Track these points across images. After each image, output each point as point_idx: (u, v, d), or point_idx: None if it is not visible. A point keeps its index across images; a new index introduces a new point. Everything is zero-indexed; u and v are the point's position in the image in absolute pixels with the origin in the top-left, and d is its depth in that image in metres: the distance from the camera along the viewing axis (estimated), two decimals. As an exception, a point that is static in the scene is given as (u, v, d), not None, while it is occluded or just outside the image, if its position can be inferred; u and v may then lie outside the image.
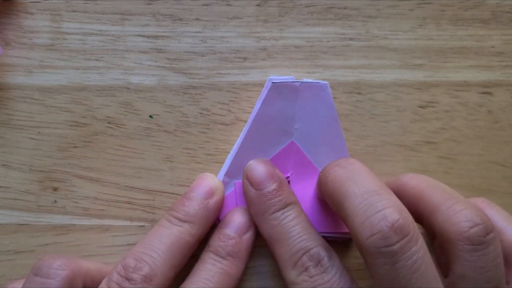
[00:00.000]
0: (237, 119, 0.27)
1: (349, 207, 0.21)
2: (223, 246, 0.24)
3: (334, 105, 0.27)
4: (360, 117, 0.28)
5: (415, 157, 0.28)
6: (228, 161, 0.27)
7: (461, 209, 0.21)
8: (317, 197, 0.27)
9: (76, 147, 0.27)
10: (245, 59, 0.28)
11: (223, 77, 0.27)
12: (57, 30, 0.27)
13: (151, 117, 0.27)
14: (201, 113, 0.27)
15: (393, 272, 0.20)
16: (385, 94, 0.28)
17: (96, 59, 0.27)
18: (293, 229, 0.23)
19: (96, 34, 0.27)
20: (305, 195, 0.27)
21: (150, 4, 0.27)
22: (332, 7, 0.28)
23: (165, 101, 0.27)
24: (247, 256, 0.25)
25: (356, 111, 0.28)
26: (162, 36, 0.27)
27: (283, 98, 0.26)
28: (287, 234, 0.23)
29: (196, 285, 0.23)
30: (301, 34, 0.28)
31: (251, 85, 0.27)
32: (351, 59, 0.28)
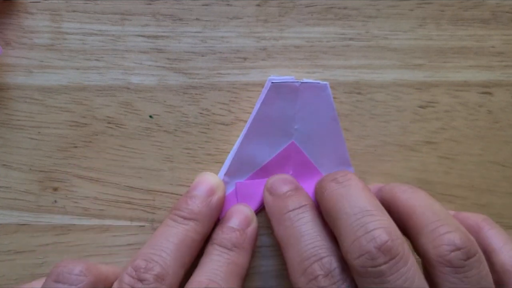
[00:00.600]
0: (237, 119, 0.27)
1: (341, 225, 0.21)
2: (228, 238, 0.24)
3: (334, 105, 0.27)
4: (360, 117, 0.28)
5: (415, 157, 0.28)
6: (228, 161, 0.27)
7: (445, 232, 0.21)
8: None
9: (76, 147, 0.27)
10: (245, 59, 0.28)
11: (223, 77, 0.27)
12: (57, 30, 0.27)
13: (151, 117, 0.27)
14: (201, 113, 0.27)
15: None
16: (385, 94, 0.28)
17: (96, 59, 0.27)
18: (306, 233, 0.23)
19: (96, 34, 0.27)
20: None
21: (150, 4, 0.27)
22: (332, 7, 0.28)
23: (165, 101, 0.27)
24: (252, 247, 0.25)
25: (356, 111, 0.28)
26: (162, 36, 0.27)
27: (283, 98, 0.26)
28: (300, 237, 0.23)
29: (205, 276, 0.23)
30: (301, 34, 0.28)
31: (251, 85, 0.27)
32: (351, 59, 0.28)
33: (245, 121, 0.27)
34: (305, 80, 0.26)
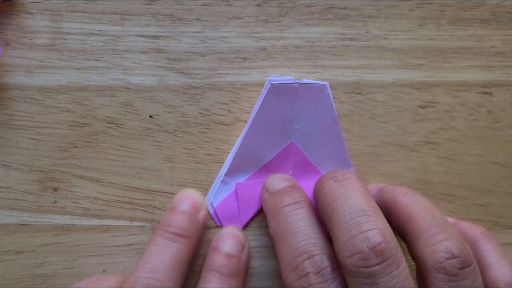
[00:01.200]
0: (237, 119, 0.27)
1: (336, 223, 0.21)
2: (226, 265, 0.24)
3: (333, 105, 0.27)
4: (360, 117, 0.28)
5: (415, 157, 0.28)
6: (228, 162, 0.27)
7: (443, 239, 0.21)
8: None
9: (76, 147, 0.27)
10: (245, 59, 0.28)
11: (223, 77, 0.27)
12: (57, 30, 0.27)
13: (151, 117, 0.27)
14: (201, 113, 0.27)
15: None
16: (385, 94, 0.28)
17: (96, 59, 0.27)
18: (300, 229, 0.23)
19: (96, 34, 0.27)
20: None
21: (150, 4, 0.27)
22: (332, 7, 0.28)
23: (165, 101, 0.27)
24: (247, 274, 0.26)
25: (356, 111, 0.28)
26: (162, 36, 0.27)
27: (282, 99, 0.26)
28: (293, 233, 0.23)
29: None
30: (301, 34, 0.28)
31: (251, 85, 0.27)
32: (351, 59, 0.28)
33: (245, 121, 0.27)
34: (305, 80, 0.26)
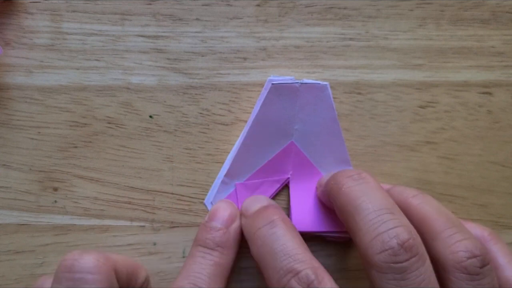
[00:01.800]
0: (237, 119, 0.27)
1: (361, 221, 0.21)
2: (211, 238, 0.24)
3: (334, 105, 0.27)
4: (360, 117, 0.28)
5: (415, 157, 0.28)
6: (228, 162, 0.27)
7: (462, 239, 0.21)
8: (317, 197, 0.27)
9: (76, 147, 0.27)
10: (245, 59, 0.28)
11: (223, 77, 0.27)
12: (57, 30, 0.27)
13: (151, 117, 0.27)
14: (201, 113, 0.27)
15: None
16: (385, 94, 0.28)
17: (96, 59, 0.27)
18: (278, 249, 0.22)
19: (96, 34, 0.27)
20: (305, 195, 0.27)
21: (150, 4, 0.27)
22: (332, 7, 0.28)
23: (165, 101, 0.27)
24: (236, 245, 0.25)
25: (356, 111, 0.28)
26: (162, 36, 0.27)
27: (283, 99, 0.26)
28: (273, 254, 0.22)
29: (188, 280, 0.23)
30: (301, 34, 0.28)
31: (251, 85, 0.27)
32: (351, 59, 0.28)
33: (245, 121, 0.27)
34: (305, 80, 0.26)
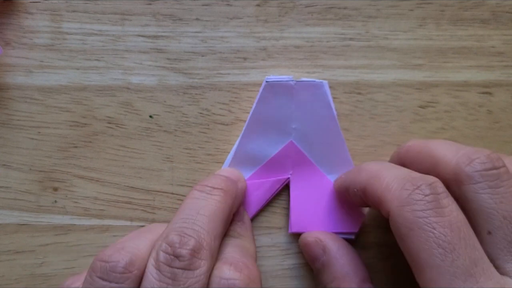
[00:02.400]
0: (237, 119, 0.27)
1: (440, 152, 0.22)
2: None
3: (331, 103, 0.27)
4: (360, 117, 0.28)
5: (415, 157, 0.28)
6: (227, 162, 0.27)
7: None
8: (318, 196, 0.27)
9: (76, 147, 0.27)
10: (245, 59, 0.28)
11: (223, 77, 0.27)
12: (57, 30, 0.27)
13: (151, 117, 0.27)
14: (201, 113, 0.27)
15: (495, 196, 0.20)
16: (385, 94, 0.28)
17: (96, 59, 0.27)
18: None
19: (96, 34, 0.27)
20: (306, 195, 0.27)
21: (150, 4, 0.27)
22: (332, 7, 0.28)
23: (165, 101, 0.27)
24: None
25: (356, 111, 0.28)
26: (162, 36, 0.27)
27: (279, 97, 0.26)
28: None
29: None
30: (301, 34, 0.28)
31: (251, 85, 0.27)
32: (351, 59, 0.28)
33: (245, 121, 0.27)
34: (302, 78, 0.26)
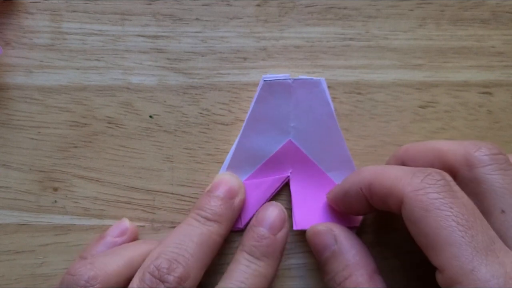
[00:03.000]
0: (237, 119, 0.27)
1: (444, 145, 0.23)
2: (257, 246, 0.24)
3: (329, 100, 0.27)
4: (360, 117, 0.28)
5: (415, 157, 0.28)
6: (227, 162, 0.27)
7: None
8: (319, 193, 0.27)
9: (76, 147, 0.27)
10: (245, 59, 0.28)
11: (223, 77, 0.27)
12: (57, 30, 0.27)
13: (151, 117, 0.27)
14: (201, 113, 0.27)
15: (506, 178, 0.21)
16: (385, 94, 0.28)
17: (96, 59, 0.27)
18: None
19: (96, 34, 0.27)
20: (307, 193, 0.27)
21: (150, 4, 0.27)
22: (332, 7, 0.28)
23: (165, 101, 0.27)
24: (281, 255, 0.25)
25: (356, 111, 0.28)
26: (162, 36, 0.27)
27: (277, 96, 0.26)
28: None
29: (231, 286, 0.23)
30: (301, 34, 0.28)
31: (251, 85, 0.27)
32: (351, 59, 0.28)
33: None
34: (300, 77, 0.26)
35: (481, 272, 0.18)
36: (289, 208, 0.27)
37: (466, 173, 0.22)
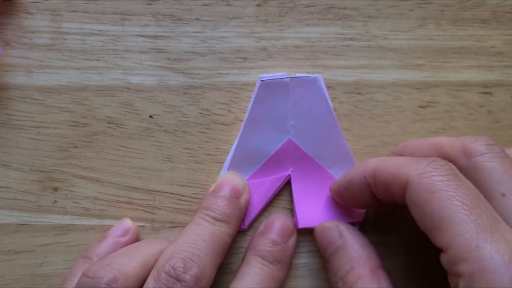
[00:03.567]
0: (237, 119, 0.27)
1: (442, 139, 0.24)
2: (270, 251, 0.25)
3: (327, 97, 0.27)
4: (360, 117, 0.28)
5: (415, 157, 0.28)
6: (227, 162, 0.27)
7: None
8: (321, 190, 0.27)
9: (76, 147, 0.27)
10: (245, 59, 0.28)
11: (223, 77, 0.27)
12: (57, 30, 0.27)
13: (151, 117, 0.27)
14: (201, 113, 0.27)
15: (504, 164, 0.21)
16: (385, 94, 0.28)
17: (96, 59, 0.27)
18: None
19: (96, 34, 0.27)
20: (308, 191, 0.27)
21: (150, 4, 0.27)
22: (332, 7, 0.28)
23: (165, 101, 0.27)
24: (291, 261, 0.26)
25: (356, 111, 0.28)
26: (162, 36, 0.27)
27: (275, 95, 0.26)
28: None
29: (246, 287, 0.24)
30: (301, 34, 0.28)
31: (251, 85, 0.27)
32: (351, 59, 0.28)
33: (245, 121, 0.27)
34: (297, 75, 0.26)
35: (486, 249, 0.18)
36: (290, 208, 0.27)
37: (464, 163, 0.22)
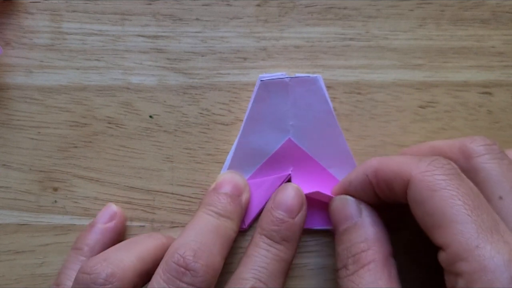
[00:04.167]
0: (237, 119, 0.27)
1: (440, 142, 0.25)
2: (277, 230, 0.24)
3: (327, 97, 0.27)
4: (360, 117, 0.28)
5: (415, 157, 0.28)
6: (227, 162, 0.27)
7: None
8: (321, 190, 0.27)
9: (76, 147, 0.27)
10: (245, 59, 0.28)
11: (223, 77, 0.27)
12: (57, 30, 0.27)
13: (151, 117, 0.27)
14: (201, 113, 0.27)
15: (503, 166, 0.22)
16: (385, 94, 0.28)
17: (96, 59, 0.27)
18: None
19: (96, 34, 0.27)
20: (309, 189, 0.27)
21: (150, 4, 0.27)
22: (332, 7, 0.28)
23: (165, 101, 0.27)
24: (300, 238, 0.25)
25: (356, 111, 0.28)
26: (162, 36, 0.27)
27: (274, 95, 0.26)
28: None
29: (252, 273, 0.23)
30: (301, 34, 0.28)
31: (251, 85, 0.27)
32: (351, 59, 0.28)
33: (245, 121, 0.27)
34: (296, 74, 0.26)
35: (486, 249, 0.18)
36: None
37: (463, 164, 0.22)
